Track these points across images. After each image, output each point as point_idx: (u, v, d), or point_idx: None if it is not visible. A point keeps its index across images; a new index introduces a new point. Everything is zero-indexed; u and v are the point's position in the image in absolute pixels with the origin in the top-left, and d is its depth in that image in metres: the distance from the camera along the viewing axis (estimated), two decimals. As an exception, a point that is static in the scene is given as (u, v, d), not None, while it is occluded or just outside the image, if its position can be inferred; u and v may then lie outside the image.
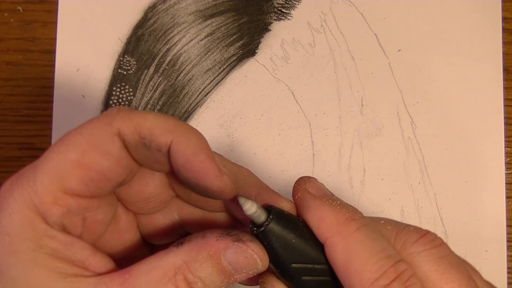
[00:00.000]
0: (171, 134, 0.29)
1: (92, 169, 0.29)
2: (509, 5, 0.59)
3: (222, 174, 0.30)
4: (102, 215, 0.32)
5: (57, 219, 0.29)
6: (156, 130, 0.29)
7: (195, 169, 0.30)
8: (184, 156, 0.29)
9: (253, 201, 0.30)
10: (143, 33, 0.58)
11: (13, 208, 0.29)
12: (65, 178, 0.29)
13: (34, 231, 0.29)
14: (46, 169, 0.29)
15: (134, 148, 0.30)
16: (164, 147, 0.30)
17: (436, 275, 0.31)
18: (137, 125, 0.29)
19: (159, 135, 0.29)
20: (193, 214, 0.36)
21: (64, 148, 0.29)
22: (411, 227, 0.33)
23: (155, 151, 0.30)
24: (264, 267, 0.31)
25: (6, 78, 0.57)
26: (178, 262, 0.29)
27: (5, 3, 0.58)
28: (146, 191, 0.34)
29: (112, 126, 0.29)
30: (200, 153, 0.30)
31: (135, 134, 0.29)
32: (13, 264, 0.28)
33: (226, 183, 0.30)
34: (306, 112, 0.57)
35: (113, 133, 0.29)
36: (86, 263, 0.30)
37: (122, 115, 0.30)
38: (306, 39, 0.58)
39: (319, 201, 0.32)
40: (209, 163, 0.30)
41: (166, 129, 0.30)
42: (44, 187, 0.28)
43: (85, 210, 0.30)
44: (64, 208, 0.29)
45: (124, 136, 0.29)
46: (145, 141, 0.29)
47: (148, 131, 0.29)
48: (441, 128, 0.58)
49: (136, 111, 0.30)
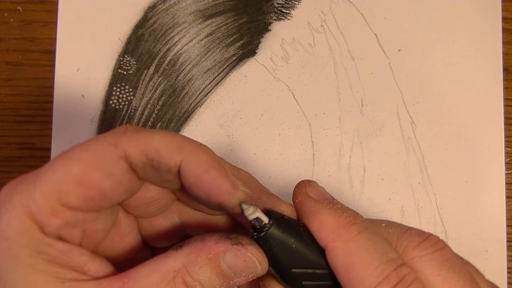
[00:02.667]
0: (180, 154, 0.29)
1: (93, 188, 0.29)
2: (509, 5, 0.59)
3: (236, 190, 0.30)
4: (101, 225, 0.32)
5: (54, 230, 0.29)
6: (163, 151, 0.29)
7: (207, 187, 0.29)
8: (195, 175, 0.29)
9: (253, 206, 0.30)
10: (143, 33, 0.58)
11: (11, 213, 0.29)
12: (65, 193, 0.28)
13: (31, 238, 0.29)
14: (47, 180, 0.29)
15: (142, 169, 0.30)
16: (173, 168, 0.29)
17: (439, 280, 0.31)
18: (144, 146, 0.29)
19: (167, 156, 0.29)
20: (194, 217, 0.36)
21: (68, 162, 0.29)
22: (413, 230, 0.33)
23: (165, 172, 0.30)
24: (263, 270, 0.31)
25: (6, 78, 0.57)
26: (177, 265, 0.29)
27: (5, 3, 0.58)
28: (148, 196, 0.34)
29: (118, 148, 0.29)
30: (211, 171, 0.29)
31: (143, 156, 0.29)
32: (11, 269, 0.28)
33: (240, 198, 0.30)
34: (306, 112, 0.57)
35: (119, 156, 0.29)
36: (85, 268, 0.30)
37: (129, 136, 0.29)
38: (306, 39, 0.58)
39: (319, 205, 0.32)
40: (221, 180, 0.29)
41: (174, 149, 0.29)
42: (43, 198, 0.28)
43: (83, 222, 0.30)
44: (61, 220, 0.29)
45: (131, 159, 0.29)
46: (154, 163, 0.29)
47: (156, 153, 0.29)
48: (441, 128, 0.58)
49: (143, 131, 0.30)
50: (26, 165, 0.57)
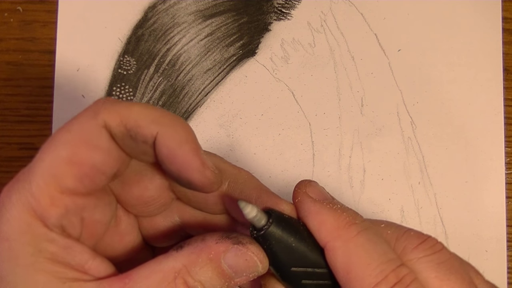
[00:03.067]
0: (157, 126, 0.29)
1: (84, 164, 0.29)
2: (509, 5, 0.59)
3: (205, 168, 0.30)
4: (100, 215, 0.32)
5: (56, 221, 0.29)
6: (141, 121, 0.29)
7: (178, 162, 0.29)
8: (168, 148, 0.29)
9: (253, 205, 0.30)
10: (143, 33, 0.58)
11: (12, 213, 0.29)
12: (60, 177, 0.28)
13: (33, 235, 0.29)
14: (40, 171, 0.29)
15: (121, 139, 0.30)
16: (149, 139, 0.29)
17: (437, 282, 0.31)
18: (123, 116, 0.29)
19: (144, 126, 0.29)
20: (194, 216, 0.36)
21: (54, 147, 0.29)
22: (411, 231, 0.33)
23: (141, 142, 0.30)
24: (264, 269, 0.31)
25: (6, 78, 0.57)
26: (177, 266, 0.29)
27: (5, 3, 0.58)
28: (146, 195, 0.34)
29: (98, 119, 0.29)
30: (184, 146, 0.29)
31: (121, 126, 0.29)
32: (13, 269, 0.28)
33: (209, 177, 0.30)
34: (306, 112, 0.57)
35: (99, 126, 0.29)
36: (86, 267, 0.30)
37: (107, 107, 0.29)
38: (306, 39, 0.58)
39: (319, 205, 0.32)
40: (192, 157, 0.29)
41: (151, 120, 0.29)
42: (40, 190, 0.28)
43: (82, 209, 0.31)
44: (61, 208, 0.29)
45: (110, 128, 0.29)
46: (131, 133, 0.29)
47: (134, 123, 0.29)
48: (441, 128, 0.58)
49: (122, 102, 0.30)
50: (26, 165, 0.56)
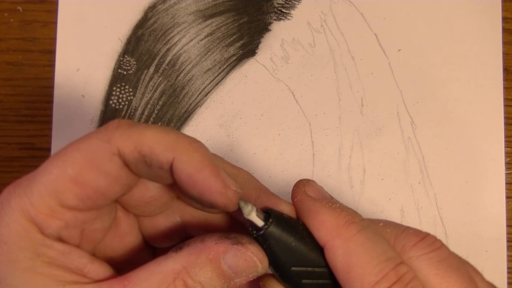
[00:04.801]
0: (172, 151, 0.29)
1: (89, 187, 0.29)
2: (509, 5, 0.59)
3: (227, 190, 0.29)
4: (100, 224, 0.32)
5: (54, 232, 0.29)
6: (156, 147, 0.29)
7: (199, 186, 0.29)
8: (187, 174, 0.29)
9: (252, 205, 0.30)
10: (143, 33, 0.58)
11: (10, 217, 0.28)
12: (62, 194, 0.28)
13: (31, 240, 0.29)
14: (44, 182, 0.29)
15: (135, 165, 0.29)
16: (166, 165, 0.29)
17: (436, 279, 0.31)
18: (137, 143, 0.29)
19: (160, 153, 0.29)
20: (195, 216, 0.36)
21: (62, 163, 0.29)
22: (410, 229, 0.33)
23: (157, 168, 0.29)
24: (264, 269, 0.31)
25: (6, 78, 0.57)
26: (177, 267, 0.29)
27: (5, 3, 0.58)
28: (147, 195, 0.34)
29: (111, 145, 0.29)
30: (203, 170, 0.29)
31: (135, 153, 0.29)
32: (11, 273, 0.28)
33: (231, 198, 0.30)
34: (306, 112, 0.57)
35: (112, 153, 0.29)
36: (84, 270, 0.30)
37: (121, 132, 0.29)
38: (306, 39, 0.58)
39: (318, 204, 0.32)
40: (213, 180, 0.29)
41: (167, 146, 0.29)
42: (41, 200, 0.28)
43: (82, 223, 0.30)
44: (61, 221, 0.29)
45: (124, 155, 0.29)
46: (146, 159, 0.29)
47: (149, 149, 0.29)
48: (441, 128, 0.58)
49: (135, 126, 0.29)
50: (26, 165, 0.57)
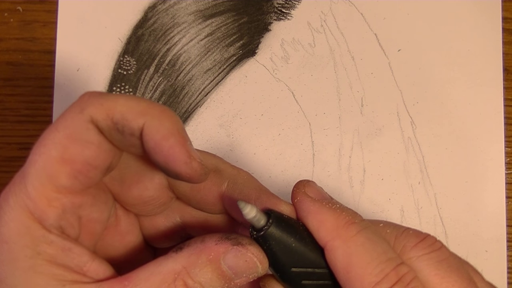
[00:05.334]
0: (143, 117, 0.29)
1: (76, 161, 0.29)
2: (509, 5, 0.59)
3: (192, 160, 0.29)
4: (97, 213, 0.32)
5: (54, 221, 0.29)
6: (128, 114, 0.29)
7: (164, 154, 0.29)
8: (154, 141, 0.29)
9: (252, 205, 0.30)
10: (143, 33, 0.58)
11: (10, 215, 0.29)
12: (54, 177, 0.28)
13: (32, 238, 0.29)
14: (34, 172, 0.29)
15: (108, 133, 0.29)
16: (136, 131, 0.29)
17: (437, 279, 0.31)
18: (109, 110, 0.29)
19: (131, 119, 0.29)
20: (195, 216, 0.36)
21: (44, 148, 0.29)
22: (410, 230, 0.33)
23: (129, 135, 0.29)
24: (264, 270, 0.31)
25: (6, 78, 0.57)
26: (177, 267, 0.29)
27: (5, 3, 0.58)
28: (146, 195, 0.34)
29: (84, 114, 0.29)
30: (170, 138, 0.29)
31: (108, 120, 0.29)
32: (12, 272, 0.28)
33: (196, 169, 0.29)
34: (306, 112, 0.57)
35: (86, 121, 0.29)
36: (84, 269, 0.30)
37: (93, 101, 0.29)
38: (306, 39, 0.58)
39: (318, 204, 0.32)
40: (178, 149, 0.29)
41: (138, 113, 0.29)
42: (36, 191, 0.28)
43: (79, 207, 0.31)
44: (58, 208, 0.29)
45: (97, 122, 0.29)
46: (118, 126, 0.29)
47: (120, 116, 0.29)
48: (441, 128, 0.58)
49: (107, 95, 0.30)
50: (26, 165, 0.57)
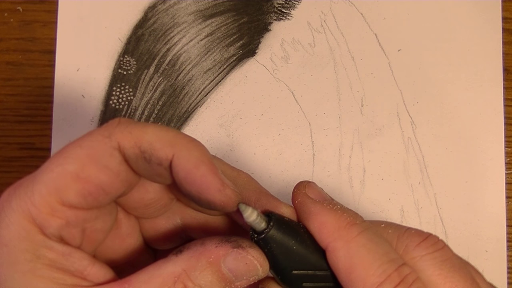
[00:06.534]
0: (172, 148, 0.29)
1: (90, 183, 0.29)
2: (509, 5, 0.59)
3: (225, 187, 0.29)
4: (101, 224, 0.32)
5: (55, 231, 0.29)
6: (156, 144, 0.29)
7: (197, 183, 0.29)
8: (185, 170, 0.29)
9: (253, 208, 0.30)
10: (143, 33, 0.57)
11: (11, 218, 0.28)
12: (63, 191, 0.28)
13: (32, 242, 0.28)
14: (45, 180, 0.28)
15: (134, 161, 0.30)
16: (165, 162, 0.29)
17: (440, 279, 0.31)
18: (137, 138, 0.29)
19: (159, 149, 0.29)
20: (196, 218, 0.36)
21: (63, 160, 0.29)
22: (412, 230, 0.33)
23: (156, 165, 0.29)
24: (264, 273, 0.31)
25: (6, 78, 0.57)
26: (177, 270, 0.29)
27: (5, 3, 0.58)
28: (147, 197, 0.34)
29: (112, 140, 0.29)
30: (202, 166, 0.29)
31: (135, 148, 0.29)
32: (11, 275, 0.28)
33: (230, 196, 0.30)
34: (306, 112, 0.57)
35: (112, 147, 0.29)
36: (85, 273, 0.30)
37: (122, 128, 0.29)
38: (306, 39, 0.58)
39: (319, 206, 0.32)
40: (211, 177, 0.29)
41: (166, 143, 0.29)
42: (41, 198, 0.28)
43: (83, 221, 0.30)
44: (62, 220, 0.29)
45: (124, 150, 0.29)
46: (146, 155, 0.29)
47: (148, 145, 0.29)
48: (441, 128, 0.58)
49: (136, 123, 0.30)
50: (26, 165, 0.57)
